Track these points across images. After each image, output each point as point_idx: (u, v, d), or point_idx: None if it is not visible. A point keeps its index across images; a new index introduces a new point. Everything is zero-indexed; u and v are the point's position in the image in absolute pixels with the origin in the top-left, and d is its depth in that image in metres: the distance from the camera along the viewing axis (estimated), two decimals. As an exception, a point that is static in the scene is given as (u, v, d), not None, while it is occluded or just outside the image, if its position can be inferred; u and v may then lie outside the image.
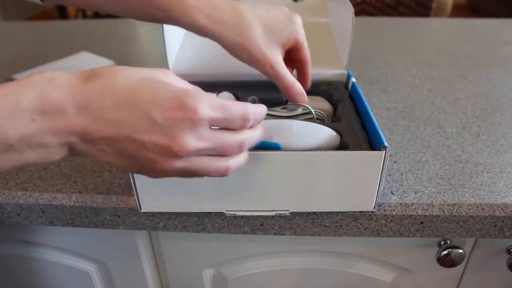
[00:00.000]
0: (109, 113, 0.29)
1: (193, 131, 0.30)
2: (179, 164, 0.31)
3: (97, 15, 2.98)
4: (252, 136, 0.34)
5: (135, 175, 0.42)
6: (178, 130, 0.29)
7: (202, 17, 0.41)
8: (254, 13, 0.43)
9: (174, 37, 0.60)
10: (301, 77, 0.49)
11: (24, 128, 0.27)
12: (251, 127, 0.34)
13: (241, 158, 0.35)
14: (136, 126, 0.29)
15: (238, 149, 0.33)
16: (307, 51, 0.47)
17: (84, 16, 3.21)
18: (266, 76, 0.45)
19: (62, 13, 3.08)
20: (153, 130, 0.29)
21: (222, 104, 0.31)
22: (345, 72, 0.57)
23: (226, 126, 0.32)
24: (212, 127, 0.31)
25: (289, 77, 0.44)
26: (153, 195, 0.44)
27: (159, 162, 0.30)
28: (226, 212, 0.45)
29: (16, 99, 0.26)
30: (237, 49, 0.43)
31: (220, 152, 0.32)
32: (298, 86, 0.45)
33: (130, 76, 0.30)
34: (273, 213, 0.45)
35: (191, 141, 0.30)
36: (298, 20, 0.46)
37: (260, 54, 0.43)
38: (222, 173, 0.33)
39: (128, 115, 0.29)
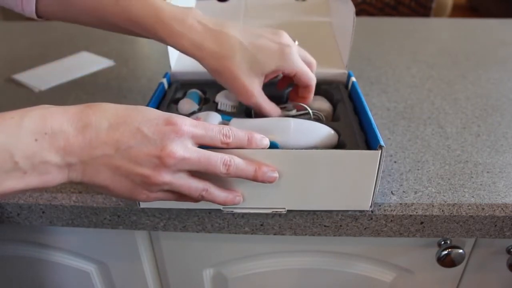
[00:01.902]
0: (106, 133, 0.32)
1: (179, 142, 0.34)
2: (167, 177, 0.34)
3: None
4: (237, 161, 0.37)
5: None
6: (166, 141, 0.33)
7: (187, 43, 0.44)
8: (240, 43, 0.44)
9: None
10: (302, 99, 0.51)
11: (28, 147, 0.29)
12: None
13: (226, 195, 0.40)
14: (130, 142, 0.32)
15: (224, 167, 0.36)
16: (306, 77, 0.48)
17: (84, 16, 3.20)
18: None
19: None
20: (144, 143, 0.33)
21: (202, 123, 0.36)
22: (345, 71, 0.57)
23: (208, 142, 0.36)
24: (197, 145, 0.35)
25: (266, 106, 0.47)
26: None
27: (151, 176, 0.33)
28: (223, 209, 0.45)
29: (20, 120, 0.29)
30: (217, 76, 0.46)
31: (205, 167, 0.35)
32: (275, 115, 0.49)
33: (118, 106, 0.34)
34: (269, 211, 0.45)
35: (178, 149, 0.33)
36: (291, 50, 0.46)
37: (239, 84, 0.45)
38: (199, 194, 0.37)
39: (122, 133, 0.32)
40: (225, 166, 0.36)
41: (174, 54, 0.57)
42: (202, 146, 0.37)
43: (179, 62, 0.59)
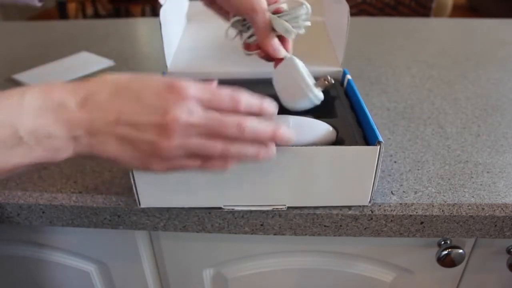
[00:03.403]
0: (107, 102, 0.31)
1: (183, 106, 0.31)
2: (175, 141, 0.32)
3: (97, 15, 2.98)
4: (255, 124, 0.34)
5: (134, 172, 0.43)
6: (169, 107, 0.31)
7: None
8: None
9: (172, 36, 0.60)
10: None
11: (31, 122, 0.29)
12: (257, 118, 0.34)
13: (247, 149, 0.34)
14: (132, 110, 0.31)
15: (237, 131, 0.33)
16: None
17: (84, 16, 3.22)
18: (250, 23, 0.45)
19: (62, 13, 3.08)
20: (147, 112, 0.31)
21: (208, 87, 0.33)
22: (340, 69, 0.57)
23: (216, 106, 0.33)
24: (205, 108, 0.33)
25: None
26: (152, 191, 0.44)
27: (158, 143, 0.32)
28: (224, 207, 0.45)
29: (21, 98, 0.29)
30: None
31: (216, 131, 0.33)
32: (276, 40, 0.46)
33: (119, 76, 0.33)
34: (270, 208, 0.45)
35: (182, 114, 0.31)
36: None
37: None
38: (221, 151, 0.33)
39: (124, 101, 0.31)
40: (239, 126, 0.33)
41: (170, 54, 0.57)
42: None
43: (175, 62, 0.59)
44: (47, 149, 0.30)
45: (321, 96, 0.48)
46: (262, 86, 0.48)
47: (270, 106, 0.36)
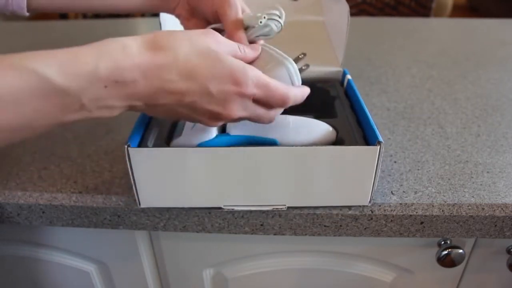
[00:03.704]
0: (173, 84, 0.33)
1: (241, 103, 0.36)
2: (220, 123, 0.38)
3: (97, 15, 2.98)
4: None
5: (134, 172, 0.43)
6: (229, 101, 0.35)
7: None
8: None
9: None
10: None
11: (97, 93, 0.30)
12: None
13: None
14: (196, 96, 0.34)
15: (268, 121, 0.40)
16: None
17: (84, 16, 3.21)
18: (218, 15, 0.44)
19: (62, 13, 3.08)
20: (210, 101, 0.34)
21: (267, 84, 0.36)
22: (340, 69, 0.57)
23: (266, 102, 0.37)
24: (254, 101, 0.37)
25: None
26: (152, 191, 0.44)
27: (204, 122, 0.37)
28: (224, 207, 0.45)
29: (94, 67, 0.29)
30: None
31: (260, 121, 0.39)
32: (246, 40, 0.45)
33: (190, 50, 0.33)
34: (270, 208, 0.45)
35: (238, 111, 0.36)
36: None
37: None
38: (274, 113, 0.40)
39: (189, 86, 0.33)
40: (270, 120, 0.39)
41: None
42: None
43: None
44: (104, 113, 0.32)
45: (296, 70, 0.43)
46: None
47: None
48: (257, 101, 0.37)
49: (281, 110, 0.40)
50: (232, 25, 0.43)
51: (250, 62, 0.41)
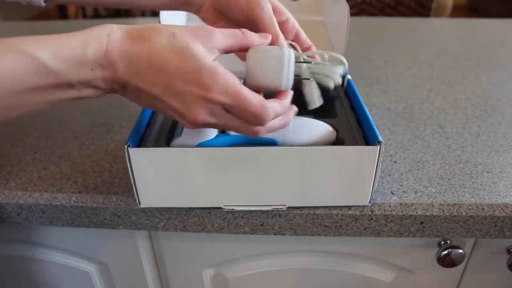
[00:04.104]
0: (145, 73, 0.34)
1: (206, 108, 0.34)
2: (190, 126, 0.37)
3: (97, 15, 2.98)
4: (261, 132, 0.38)
5: (134, 172, 0.43)
6: (193, 103, 0.34)
7: None
8: None
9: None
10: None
11: (85, 75, 0.33)
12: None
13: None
14: (163, 90, 0.34)
15: (253, 134, 0.38)
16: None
17: (84, 16, 3.21)
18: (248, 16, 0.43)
19: (62, 13, 3.08)
20: (175, 97, 0.34)
21: (238, 93, 0.34)
22: None
23: (239, 115, 0.36)
24: (227, 110, 0.35)
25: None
26: (152, 191, 0.44)
27: (177, 120, 0.36)
28: (224, 207, 0.45)
29: (82, 51, 0.32)
30: None
31: (229, 130, 0.38)
32: (283, 37, 0.44)
33: (166, 44, 0.34)
34: (270, 208, 0.45)
35: (203, 115, 0.35)
36: None
37: None
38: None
39: (156, 79, 0.34)
40: (253, 134, 0.38)
41: None
42: None
43: None
44: (90, 92, 0.35)
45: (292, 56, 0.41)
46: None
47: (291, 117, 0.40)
48: (230, 111, 0.35)
49: (269, 128, 0.38)
50: (268, 28, 0.42)
51: None
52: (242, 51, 0.38)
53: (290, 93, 0.39)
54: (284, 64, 0.38)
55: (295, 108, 0.40)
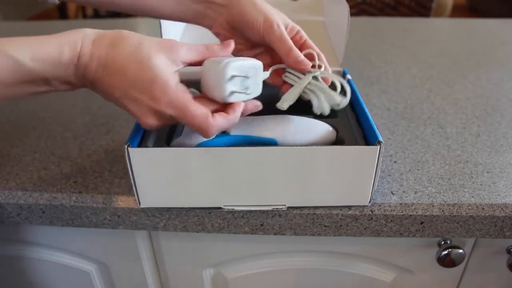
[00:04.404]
0: (110, 76, 0.37)
1: (155, 116, 0.38)
2: (147, 128, 0.40)
3: (97, 15, 2.98)
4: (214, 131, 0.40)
5: (134, 172, 0.43)
6: (144, 111, 0.38)
7: None
8: None
9: (172, 36, 0.60)
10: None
11: (60, 73, 0.36)
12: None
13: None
14: (121, 95, 0.38)
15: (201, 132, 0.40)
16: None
17: (84, 16, 3.21)
18: (264, 39, 0.44)
19: (62, 13, 3.08)
20: (131, 102, 0.38)
21: (184, 109, 0.37)
22: (340, 69, 0.57)
23: (186, 125, 0.39)
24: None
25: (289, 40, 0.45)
26: (152, 191, 0.44)
27: (138, 121, 0.39)
28: (224, 207, 0.45)
29: (59, 54, 0.35)
30: (252, 6, 0.45)
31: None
32: (297, 50, 0.45)
33: (130, 53, 0.37)
34: (270, 208, 0.45)
35: (153, 121, 0.39)
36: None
37: (270, 13, 0.45)
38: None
39: (118, 84, 0.37)
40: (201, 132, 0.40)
41: None
42: None
43: None
44: (65, 87, 0.38)
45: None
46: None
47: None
48: (178, 120, 0.39)
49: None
50: (283, 47, 0.44)
51: None
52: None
53: (240, 106, 0.41)
54: (221, 79, 0.38)
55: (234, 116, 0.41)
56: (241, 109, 0.41)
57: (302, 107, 0.49)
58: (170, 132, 0.48)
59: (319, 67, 0.45)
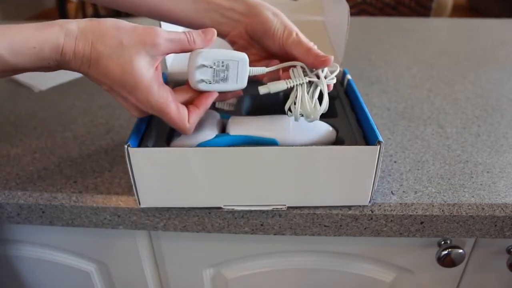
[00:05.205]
0: (95, 72, 0.39)
1: (140, 111, 0.41)
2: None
3: (97, 15, 2.98)
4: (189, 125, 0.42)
5: (134, 172, 0.43)
6: (131, 106, 0.41)
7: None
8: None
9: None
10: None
11: (41, 65, 0.37)
12: None
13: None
14: (109, 89, 0.40)
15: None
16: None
17: (84, 16, 3.21)
18: (283, 45, 0.45)
19: (62, 13, 3.08)
20: (118, 97, 0.41)
21: (164, 112, 0.40)
22: (340, 69, 0.57)
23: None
24: None
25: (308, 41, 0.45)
26: (152, 191, 0.44)
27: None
28: (224, 207, 0.45)
29: (40, 51, 0.36)
30: (273, 16, 0.46)
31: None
32: (316, 49, 0.45)
33: (115, 56, 0.38)
34: (270, 208, 0.45)
35: (139, 114, 0.42)
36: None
37: (288, 23, 0.46)
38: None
39: (104, 80, 0.39)
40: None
41: (170, 55, 0.57)
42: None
43: (175, 62, 0.59)
44: (49, 71, 0.39)
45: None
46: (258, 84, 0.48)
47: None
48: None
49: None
50: (303, 48, 0.44)
51: None
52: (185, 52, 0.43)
53: (210, 96, 0.43)
54: (191, 67, 0.41)
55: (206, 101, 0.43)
56: (212, 98, 0.43)
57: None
58: (170, 132, 0.48)
59: (318, 76, 0.44)
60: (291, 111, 0.44)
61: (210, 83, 0.42)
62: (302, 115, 0.43)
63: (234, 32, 0.47)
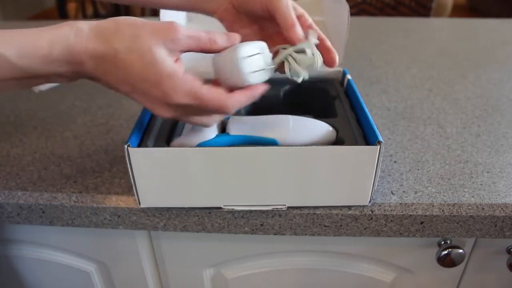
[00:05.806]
0: (113, 73, 0.36)
1: (168, 108, 0.38)
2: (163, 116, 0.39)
3: (97, 15, 2.98)
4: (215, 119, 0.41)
5: (134, 172, 0.43)
6: (155, 104, 0.37)
7: None
8: None
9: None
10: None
11: (52, 69, 0.36)
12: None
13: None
14: (130, 90, 0.37)
15: (206, 125, 0.42)
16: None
17: (84, 16, 3.21)
18: (266, 10, 0.43)
19: (62, 13, 3.08)
20: (141, 96, 0.37)
21: (198, 96, 0.36)
22: (340, 69, 0.57)
23: (203, 111, 0.39)
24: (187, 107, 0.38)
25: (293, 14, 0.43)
26: (152, 191, 0.44)
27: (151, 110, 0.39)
28: (224, 207, 0.45)
29: (50, 51, 0.34)
30: None
31: (186, 122, 0.42)
32: (299, 27, 0.43)
33: (130, 48, 0.35)
34: (270, 208, 0.45)
35: (166, 113, 0.38)
36: None
37: None
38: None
39: (124, 79, 0.36)
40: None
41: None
42: None
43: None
44: (61, 80, 0.38)
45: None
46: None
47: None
48: (190, 108, 0.38)
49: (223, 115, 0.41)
50: (286, 19, 0.42)
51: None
52: (203, 52, 0.40)
53: (261, 88, 0.40)
54: (241, 64, 0.38)
55: (259, 88, 0.40)
56: (262, 89, 0.40)
57: (302, 107, 0.49)
58: (170, 132, 0.47)
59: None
60: (290, 73, 0.42)
61: (263, 69, 0.40)
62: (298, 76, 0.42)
63: (221, 8, 0.47)
